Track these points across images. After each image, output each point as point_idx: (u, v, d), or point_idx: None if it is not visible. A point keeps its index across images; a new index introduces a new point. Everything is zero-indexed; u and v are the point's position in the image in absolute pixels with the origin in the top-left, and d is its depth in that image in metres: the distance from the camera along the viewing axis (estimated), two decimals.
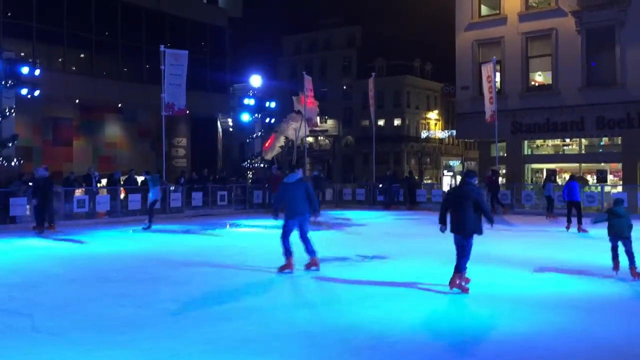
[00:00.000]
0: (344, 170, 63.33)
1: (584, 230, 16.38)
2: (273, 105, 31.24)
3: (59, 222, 18.54)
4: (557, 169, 28.66)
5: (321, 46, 69.69)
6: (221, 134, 41.59)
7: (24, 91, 22.71)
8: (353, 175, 56.20)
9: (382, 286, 9.24)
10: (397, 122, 66.14)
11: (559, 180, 26.55)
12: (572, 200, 16.94)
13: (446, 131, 68.84)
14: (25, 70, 22.54)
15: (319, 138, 67.88)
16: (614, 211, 10.08)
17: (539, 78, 29.50)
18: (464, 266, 8.86)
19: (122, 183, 23.46)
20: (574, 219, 16.90)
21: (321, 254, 10.83)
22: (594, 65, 26.80)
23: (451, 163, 71.21)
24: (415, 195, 27.15)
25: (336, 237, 16.08)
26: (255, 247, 14.33)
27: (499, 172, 25.93)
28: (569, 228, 16.92)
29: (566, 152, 28.98)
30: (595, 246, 13.15)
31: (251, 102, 29.85)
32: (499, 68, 27.89)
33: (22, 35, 28.68)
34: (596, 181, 26.66)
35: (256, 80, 31.53)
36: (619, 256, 9.97)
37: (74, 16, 31.03)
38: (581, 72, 26.77)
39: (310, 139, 58.10)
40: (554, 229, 17.74)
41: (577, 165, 27.70)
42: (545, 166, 29.60)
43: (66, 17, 30.47)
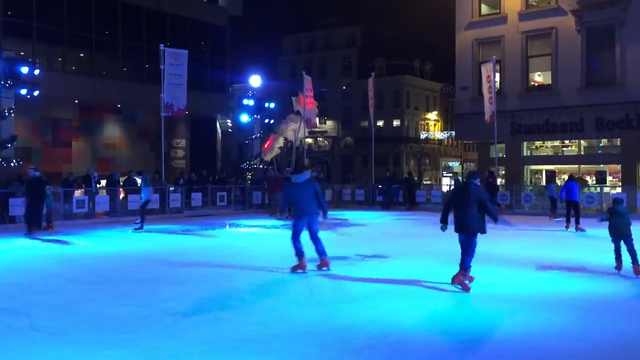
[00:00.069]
0: (343, 171, 63.34)
1: (581, 230, 16.63)
2: (272, 105, 31.26)
3: (57, 222, 18.55)
4: (556, 170, 28.67)
5: (321, 46, 69.60)
6: (220, 135, 41.63)
7: (24, 91, 22.73)
8: (352, 176, 56.23)
9: (381, 286, 9.23)
10: (396, 122, 66.09)
11: (558, 181, 26.55)
12: (571, 200, 17.07)
13: (445, 132, 68.90)
14: (24, 70, 22.57)
15: (318, 139, 67.87)
16: (614, 210, 10.13)
17: (538, 78, 29.51)
18: (468, 264, 8.90)
19: (121, 184, 23.41)
20: (573, 219, 17.08)
21: None
22: (593, 65, 26.82)
23: (450, 164, 71.28)
24: (414, 195, 27.17)
25: (335, 236, 16.04)
26: (255, 247, 14.33)
27: (495, 174, 25.94)
28: (567, 227, 17.15)
29: (565, 154, 28.97)
30: (595, 246, 13.20)
31: (250, 102, 29.87)
32: (498, 68, 27.89)
33: (22, 34, 28.71)
34: (595, 182, 26.68)
35: (256, 81, 31.53)
36: (622, 256, 10.01)
37: (74, 16, 31.05)
38: (581, 72, 26.80)
39: (309, 140, 58.15)
40: (553, 228, 17.80)
41: (576, 166, 27.70)
42: (544, 167, 29.63)
43: (66, 17, 30.49)
